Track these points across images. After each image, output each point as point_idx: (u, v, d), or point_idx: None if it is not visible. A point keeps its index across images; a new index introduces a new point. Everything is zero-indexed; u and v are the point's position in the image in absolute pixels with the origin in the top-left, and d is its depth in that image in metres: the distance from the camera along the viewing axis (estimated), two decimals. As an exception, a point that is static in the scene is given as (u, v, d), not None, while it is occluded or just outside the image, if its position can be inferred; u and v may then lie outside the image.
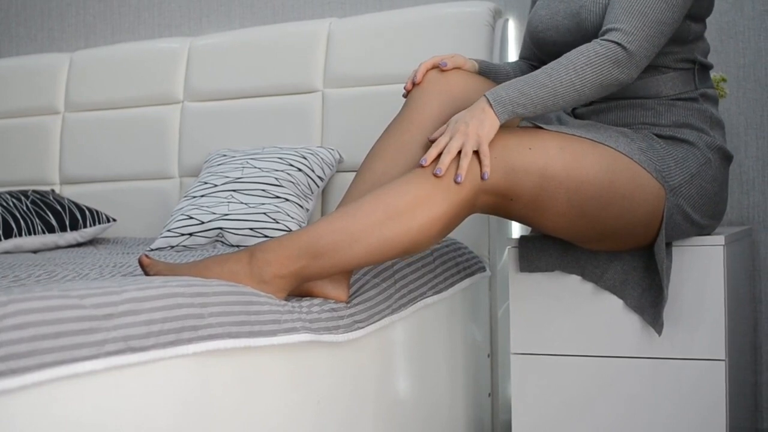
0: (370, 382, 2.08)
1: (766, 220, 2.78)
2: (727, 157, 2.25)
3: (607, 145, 2.08)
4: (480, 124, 1.98)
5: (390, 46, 3.04)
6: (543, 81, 2.02)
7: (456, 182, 1.94)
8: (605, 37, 2.05)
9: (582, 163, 2.03)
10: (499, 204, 2.02)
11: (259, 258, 1.85)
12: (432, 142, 2.02)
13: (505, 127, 2.04)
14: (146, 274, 1.87)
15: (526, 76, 2.06)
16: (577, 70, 2.02)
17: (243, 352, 1.68)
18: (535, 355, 2.32)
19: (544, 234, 2.31)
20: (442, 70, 2.18)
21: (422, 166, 1.95)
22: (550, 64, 2.06)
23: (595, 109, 2.25)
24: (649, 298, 2.18)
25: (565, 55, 2.06)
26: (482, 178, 1.96)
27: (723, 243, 2.16)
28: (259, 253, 1.86)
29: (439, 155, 1.96)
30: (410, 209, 1.90)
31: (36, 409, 1.30)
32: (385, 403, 2.14)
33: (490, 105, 2.00)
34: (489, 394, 2.72)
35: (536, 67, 2.49)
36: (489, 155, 1.97)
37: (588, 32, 2.17)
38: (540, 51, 2.35)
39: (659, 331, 2.16)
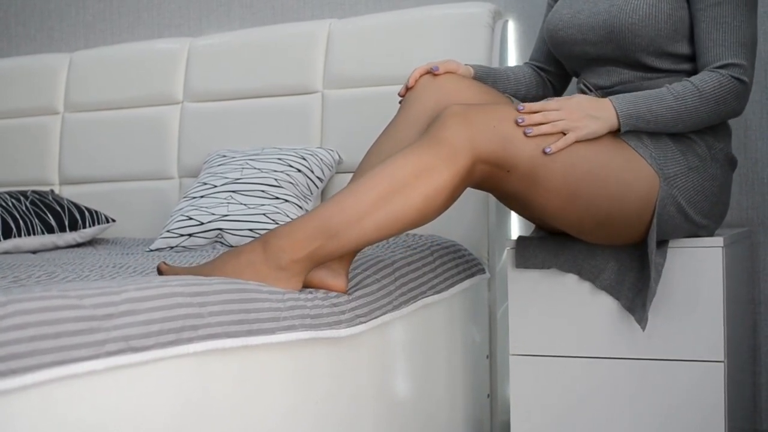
0: (369, 381, 2.09)
1: (765, 222, 2.78)
2: (730, 161, 2.26)
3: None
4: (594, 121, 2.07)
5: (389, 47, 3.04)
6: (670, 103, 2.11)
7: (544, 152, 2.01)
8: (728, 72, 2.13)
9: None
10: (495, 175, 2.03)
11: (274, 245, 1.86)
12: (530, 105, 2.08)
13: (503, 102, 2.12)
14: None
15: (649, 92, 2.13)
16: (703, 98, 2.11)
17: (243, 351, 1.68)
18: (534, 356, 2.32)
19: (540, 227, 2.33)
20: (435, 75, 2.20)
21: (518, 118, 2.02)
22: (674, 86, 2.13)
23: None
24: (641, 298, 2.18)
25: (688, 81, 2.13)
26: (544, 151, 2.01)
27: (722, 245, 2.16)
28: (273, 239, 1.87)
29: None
30: (413, 180, 1.91)
31: (36, 409, 1.30)
32: (384, 402, 2.14)
33: (617, 114, 2.09)
34: (488, 395, 2.72)
35: (545, 71, 2.51)
36: (570, 144, 2.04)
37: (615, 30, 2.20)
38: (558, 51, 2.36)
39: (644, 326, 2.16)
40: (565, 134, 2.04)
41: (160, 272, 1.88)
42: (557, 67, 2.52)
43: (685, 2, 2.19)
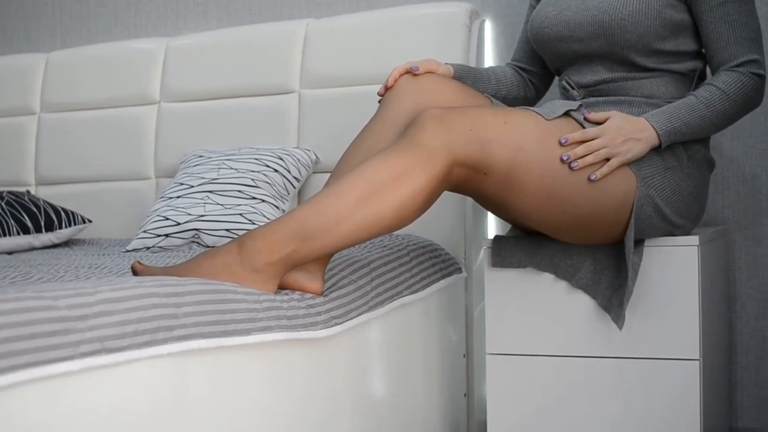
0: (345, 381, 2.09)
1: (740, 221, 2.80)
2: (708, 162, 2.28)
3: (583, 127, 2.11)
4: (636, 144, 2.11)
5: (367, 47, 3.04)
6: (703, 112, 2.16)
7: (590, 180, 2.06)
8: (747, 69, 2.19)
9: (555, 140, 2.08)
10: (472, 178, 2.03)
11: (249, 247, 1.86)
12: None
13: (481, 105, 2.14)
14: None
15: (680, 104, 2.18)
16: (731, 100, 2.17)
17: (219, 352, 1.68)
18: (510, 355, 2.33)
19: (516, 227, 2.33)
20: (414, 74, 2.20)
21: (561, 147, 2.06)
22: (700, 93, 2.18)
23: (586, 103, 2.27)
24: (618, 297, 2.19)
25: (711, 84, 2.19)
26: (589, 178, 2.06)
27: (697, 243, 2.17)
28: (249, 242, 1.86)
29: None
30: (391, 183, 1.91)
31: (10, 410, 1.29)
32: (360, 402, 2.14)
33: (657, 134, 2.12)
34: (465, 395, 2.73)
35: (526, 71, 2.52)
36: (614, 169, 2.09)
37: (605, 25, 2.22)
38: (543, 49, 2.38)
39: (620, 325, 2.17)
40: (608, 159, 2.09)
41: (134, 272, 1.87)
42: (540, 67, 2.53)
43: (683, 4, 2.22)
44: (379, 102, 2.22)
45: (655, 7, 2.18)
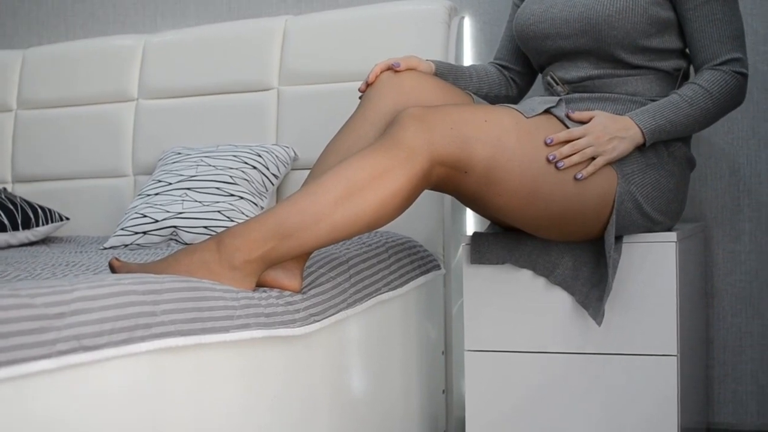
0: (324, 379, 2.08)
1: (718, 217, 2.81)
2: (688, 160, 2.29)
3: (564, 125, 2.12)
4: (621, 142, 2.12)
5: (345, 44, 3.04)
6: (687, 110, 2.17)
7: (576, 179, 2.07)
8: (730, 68, 2.21)
9: (536, 137, 2.07)
10: (453, 177, 2.03)
11: (228, 244, 1.85)
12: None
13: (462, 103, 2.15)
14: None
15: (664, 102, 2.19)
16: (713, 98, 2.19)
17: (197, 349, 1.67)
18: (489, 351, 2.33)
19: (496, 223, 2.33)
20: (396, 71, 2.20)
21: (547, 149, 2.07)
22: (683, 91, 2.20)
23: (567, 99, 2.27)
24: (596, 293, 2.20)
25: (695, 83, 2.21)
26: (575, 177, 2.07)
27: (675, 239, 2.18)
28: (227, 239, 1.85)
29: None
30: (370, 183, 1.90)
31: (-14, 409, 1.29)
32: (339, 400, 2.14)
33: (641, 132, 2.13)
34: (443, 391, 2.73)
35: (509, 69, 2.52)
36: (599, 168, 2.10)
37: (592, 21, 2.23)
38: (528, 46, 2.38)
39: (599, 322, 2.17)
40: (594, 158, 2.10)
41: (112, 268, 1.87)
42: (522, 66, 2.53)
43: (668, 2, 2.23)
44: (360, 98, 2.22)
45: (642, 5, 2.19)
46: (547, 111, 2.15)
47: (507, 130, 2.04)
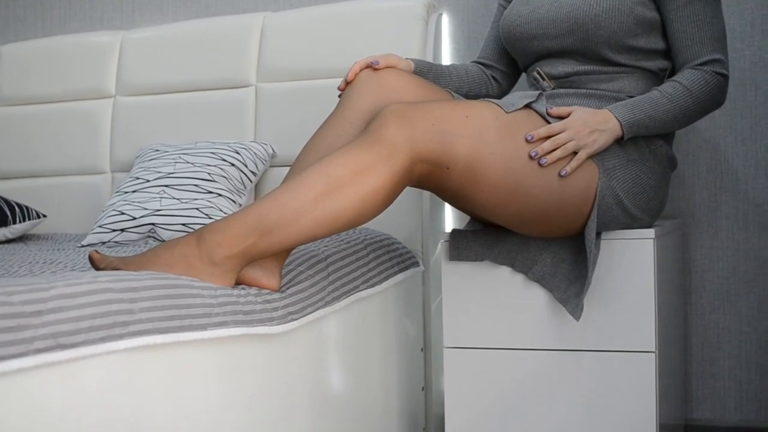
0: (303, 376, 2.08)
1: (696, 214, 2.82)
2: (670, 159, 2.30)
3: (546, 120, 2.12)
4: (601, 135, 2.12)
5: (324, 41, 3.03)
6: (666, 106, 2.18)
7: (560, 175, 2.07)
8: (711, 68, 2.22)
9: (517, 132, 2.07)
10: (435, 173, 2.03)
11: (208, 239, 1.84)
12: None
13: (442, 100, 2.15)
14: (96, 269, 1.85)
15: (644, 97, 2.20)
16: (693, 97, 2.20)
17: (174, 347, 1.67)
18: (468, 348, 2.33)
19: (477, 220, 2.33)
20: (375, 69, 2.19)
21: (529, 146, 2.07)
22: (664, 88, 2.21)
23: (552, 94, 2.28)
24: (575, 289, 2.20)
25: (675, 80, 2.22)
26: (560, 174, 2.08)
27: (653, 236, 2.19)
28: (208, 234, 1.85)
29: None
30: (351, 179, 1.90)
31: (-38, 407, 1.28)
32: (318, 397, 2.14)
33: (620, 124, 2.14)
34: (422, 388, 2.73)
35: (491, 68, 2.52)
36: (582, 162, 2.11)
37: (579, 20, 2.24)
38: (514, 47, 2.39)
39: (578, 317, 2.18)
40: (576, 153, 2.10)
41: (92, 261, 1.86)
42: (505, 65, 2.54)
43: (652, 3, 2.24)
44: (339, 97, 2.22)
45: (628, 5, 2.21)
46: (527, 106, 2.15)
47: (488, 125, 2.05)
